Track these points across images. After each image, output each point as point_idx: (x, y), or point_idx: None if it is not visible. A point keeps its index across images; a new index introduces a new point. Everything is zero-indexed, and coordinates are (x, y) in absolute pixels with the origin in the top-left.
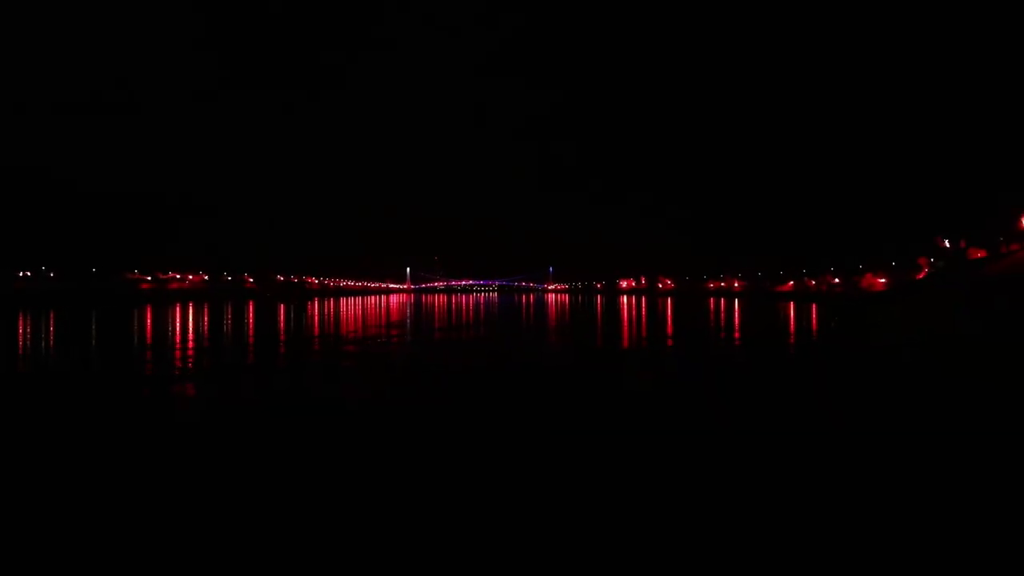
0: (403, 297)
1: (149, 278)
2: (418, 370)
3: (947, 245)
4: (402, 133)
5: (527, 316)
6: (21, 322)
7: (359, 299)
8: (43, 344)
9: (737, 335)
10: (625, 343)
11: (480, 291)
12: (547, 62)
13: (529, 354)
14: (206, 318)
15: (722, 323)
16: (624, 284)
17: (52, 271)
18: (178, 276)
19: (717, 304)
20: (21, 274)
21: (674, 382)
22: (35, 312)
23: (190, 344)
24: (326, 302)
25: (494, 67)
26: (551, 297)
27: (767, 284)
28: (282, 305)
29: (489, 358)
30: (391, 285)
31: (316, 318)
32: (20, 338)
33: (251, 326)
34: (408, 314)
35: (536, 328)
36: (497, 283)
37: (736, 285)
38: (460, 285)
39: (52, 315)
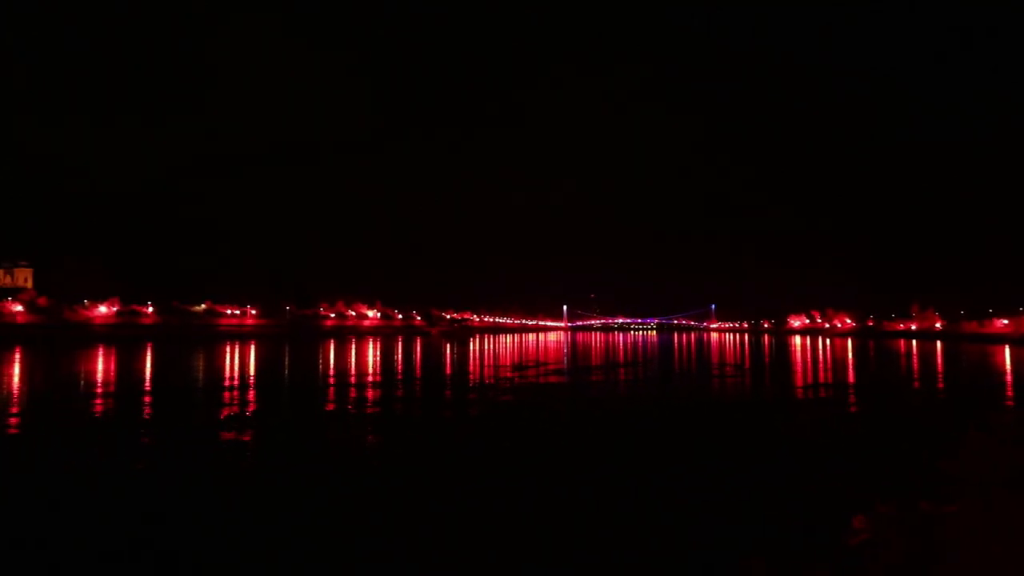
0: (561, 335)
1: (334, 314)
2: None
3: None
4: (555, 170)
5: (696, 365)
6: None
7: (519, 336)
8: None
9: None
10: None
11: (638, 329)
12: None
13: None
14: (400, 356)
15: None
16: (795, 323)
17: (151, 303)
18: (354, 314)
19: (923, 350)
20: (106, 308)
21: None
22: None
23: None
24: (486, 339)
25: (641, 98)
26: (714, 337)
27: (974, 324)
28: (447, 344)
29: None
30: (548, 322)
31: (489, 358)
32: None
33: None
34: (565, 353)
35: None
36: (655, 321)
37: (938, 325)
38: (616, 323)
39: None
